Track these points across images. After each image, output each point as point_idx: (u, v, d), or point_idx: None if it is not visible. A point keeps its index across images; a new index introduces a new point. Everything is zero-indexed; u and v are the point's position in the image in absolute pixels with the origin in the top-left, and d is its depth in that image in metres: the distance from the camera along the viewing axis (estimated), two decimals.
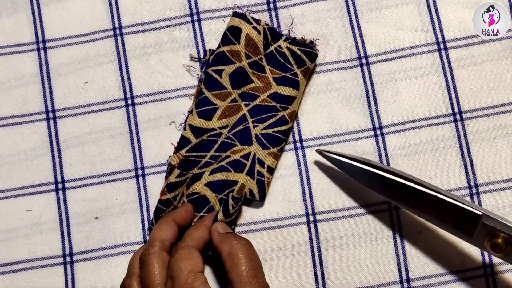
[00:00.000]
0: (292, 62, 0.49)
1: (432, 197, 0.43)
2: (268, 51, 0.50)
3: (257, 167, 0.48)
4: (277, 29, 0.51)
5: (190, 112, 0.50)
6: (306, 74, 0.50)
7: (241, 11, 0.51)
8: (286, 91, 0.49)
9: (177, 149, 0.49)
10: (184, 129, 0.49)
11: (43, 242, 0.49)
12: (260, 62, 0.50)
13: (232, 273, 0.42)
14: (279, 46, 0.50)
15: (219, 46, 0.50)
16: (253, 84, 0.50)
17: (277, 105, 0.49)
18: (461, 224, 0.42)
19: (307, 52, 0.50)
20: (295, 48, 0.50)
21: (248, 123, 0.49)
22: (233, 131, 0.49)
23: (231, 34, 0.49)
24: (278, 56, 0.50)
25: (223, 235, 0.44)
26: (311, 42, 0.50)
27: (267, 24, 0.50)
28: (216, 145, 0.49)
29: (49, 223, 0.50)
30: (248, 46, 0.49)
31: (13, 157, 0.50)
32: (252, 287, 0.41)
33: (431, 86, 0.50)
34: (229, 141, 0.48)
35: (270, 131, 0.49)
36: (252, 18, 0.50)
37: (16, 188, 0.50)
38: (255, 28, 0.49)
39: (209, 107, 0.49)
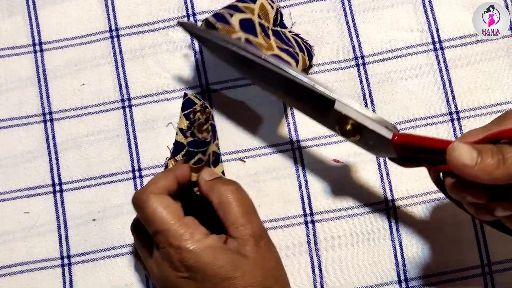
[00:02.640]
0: (295, 45, 0.49)
1: (289, 80, 0.42)
2: (274, 28, 0.49)
3: None
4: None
5: (180, 116, 0.50)
6: (304, 63, 0.49)
7: None
8: (287, 58, 0.47)
9: (173, 154, 0.49)
10: (176, 133, 0.49)
11: (40, 245, 0.49)
12: (267, 29, 0.48)
13: (225, 221, 0.42)
14: (283, 32, 0.50)
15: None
16: (257, 39, 0.47)
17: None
18: (316, 108, 0.42)
19: (307, 47, 0.50)
20: (298, 39, 0.50)
21: None
22: None
23: None
24: (283, 36, 0.49)
25: (210, 184, 0.43)
26: (310, 46, 0.50)
27: (279, 7, 0.50)
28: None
29: (46, 226, 0.49)
30: (261, 10, 0.48)
31: (10, 159, 0.50)
32: (247, 231, 0.41)
33: (427, 86, 0.51)
34: None
35: None
36: None
37: (13, 190, 0.50)
38: (269, 3, 0.49)
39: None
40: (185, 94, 0.50)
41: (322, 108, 0.42)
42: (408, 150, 0.40)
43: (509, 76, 0.51)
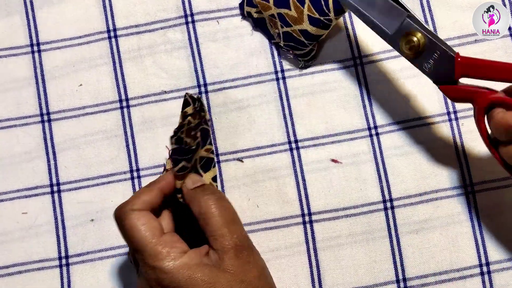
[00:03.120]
0: (331, 7, 0.48)
1: None
2: None
3: None
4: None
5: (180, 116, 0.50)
6: (338, 19, 0.49)
7: None
8: (316, 31, 0.48)
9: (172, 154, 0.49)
10: None
11: (38, 245, 0.49)
12: None
13: (206, 232, 0.41)
14: None
15: None
16: (288, 11, 0.48)
17: (306, 41, 0.49)
18: (385, 18, 0.44)
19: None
20: None
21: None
22: None
23: None
24: None
25: (192, 193, 0.43)
26: None
27: None
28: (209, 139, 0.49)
29: (44, 226, 0.49)
30: None
31: (8, 160, 0.50)
32: (226, 243, 0.40)
33: (426, 86, 0.50)
34: None
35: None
36: None
37: (12, 191, 0.50)
38: None
39: None
40: (185, 94, 0.50)
41: (392, 19, 0.43)
42: (469, 70, 0.42)
43: None
